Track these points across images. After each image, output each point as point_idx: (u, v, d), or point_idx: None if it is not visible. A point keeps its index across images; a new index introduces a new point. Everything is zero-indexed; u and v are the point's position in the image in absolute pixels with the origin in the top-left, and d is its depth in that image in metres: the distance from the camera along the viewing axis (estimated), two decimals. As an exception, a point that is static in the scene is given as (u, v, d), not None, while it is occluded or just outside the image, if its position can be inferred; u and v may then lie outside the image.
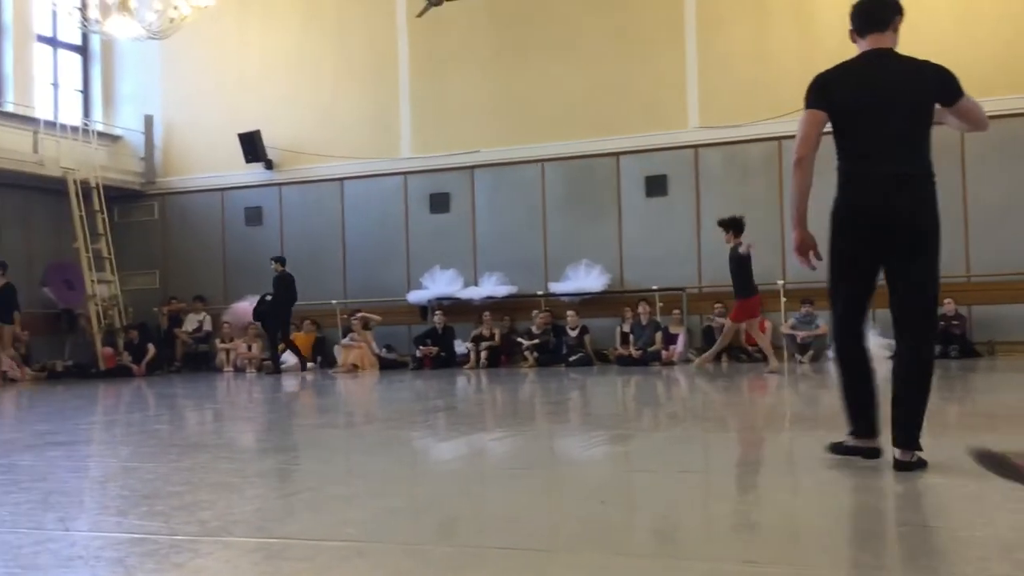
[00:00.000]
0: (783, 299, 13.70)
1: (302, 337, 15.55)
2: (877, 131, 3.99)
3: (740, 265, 10.87)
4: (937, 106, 4.04)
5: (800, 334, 13.33)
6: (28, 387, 13.12)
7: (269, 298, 14.62)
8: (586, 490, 4.00)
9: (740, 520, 3.35)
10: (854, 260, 4.07)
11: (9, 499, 3.92)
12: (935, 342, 4.27)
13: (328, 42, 16.30)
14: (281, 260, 14.70)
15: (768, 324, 13.00)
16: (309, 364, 15.05)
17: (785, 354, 13.54)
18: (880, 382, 4.10)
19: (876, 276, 4.08)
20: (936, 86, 4.02)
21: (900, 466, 3.87)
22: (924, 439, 3.95)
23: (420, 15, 13.77)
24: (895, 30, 4.11)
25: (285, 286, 14.51)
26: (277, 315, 14.48)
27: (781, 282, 13.76)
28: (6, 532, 3.27)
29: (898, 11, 4.12)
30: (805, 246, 4.16)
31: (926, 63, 4.04)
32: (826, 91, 4.11)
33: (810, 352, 13.17)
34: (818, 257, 4.16)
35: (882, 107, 3.98)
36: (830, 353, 13.13)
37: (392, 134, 15.93)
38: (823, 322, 13.27)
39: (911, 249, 3.95)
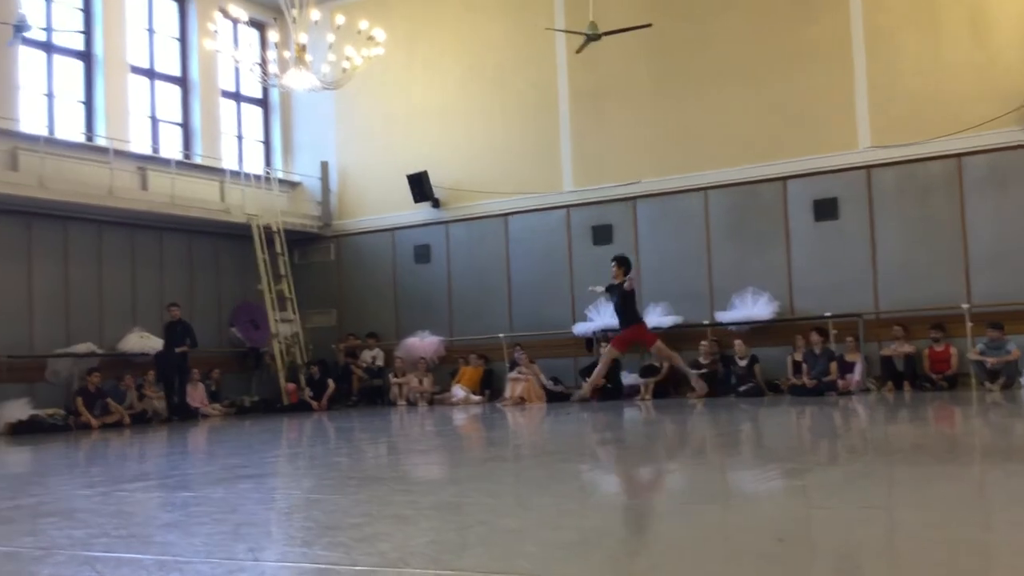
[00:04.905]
0: (969, 324, 12.94)
1: (470, 371, 15.85)
2: None
3: (625, 300, 12.21)
4: None
5: (990, 360, 12.54)
6: (219, 422, 13.90)
7: (180, 349, 14.61)
8: (762, 526, 3.88)
9: (926, 559, 3.17)
10: None
11: (203, 530, 4.16)
12: None
13: (490, 82, 16.69)
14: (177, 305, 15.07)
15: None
16: (476, 397, 15.32)
17: (973, 381, 12.77)
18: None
19: None
20: None
21: None
22: None
23: (579, 51, 13.90)
24: None
25: (190, 333, 14.85)
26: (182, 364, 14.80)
27: (966, 306, 13.03)
28: (200, 562, 3.47)
29: None
30: None
31: None
32: None
33: (1001, 379, 12.36)
34: None
35: None
36: (1024, 380, 12.33)
37: (554, 168, 16.11)
38: (1015, 346, 12.45)
39: None
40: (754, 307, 14.23)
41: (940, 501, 4.52)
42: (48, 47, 15.17)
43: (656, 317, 14.90)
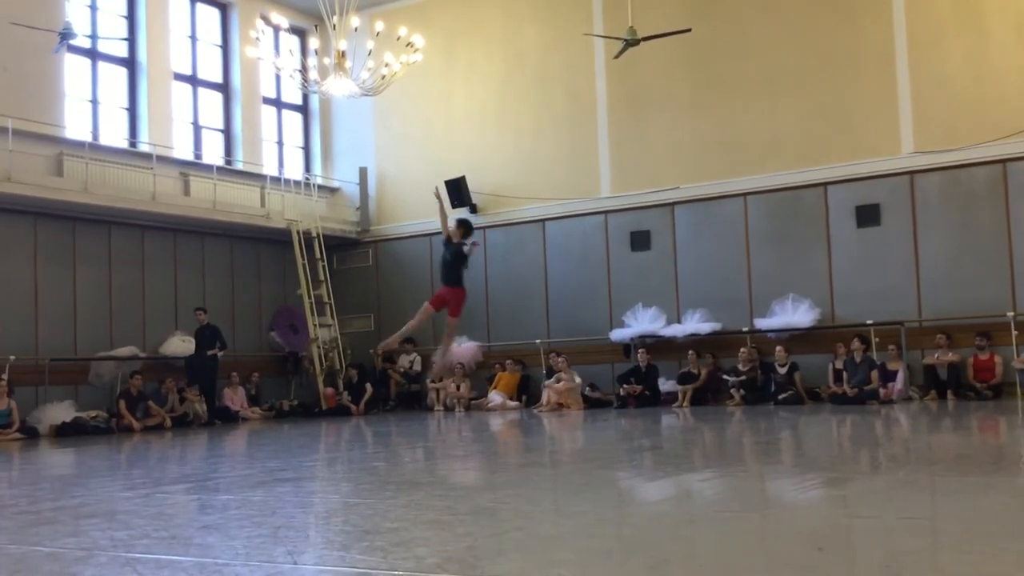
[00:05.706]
0: (1014, 332, 12.71)
1: (507, 376, 15.84)
2: None
3: (455, 259, 11.16)
4: None
5: (1036, 369, 12.31)
6: (258, 425, 14.02)
7: (211, 352, 14.60)
8: (802, 535, 3.84)
9: (969, 571, 3.12)
10: None
11: (243, 533, 4.20)
12: None
13: (528, 88, 16.71)
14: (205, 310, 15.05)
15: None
16: (512, 402, 15.30)
17: (1018, 390, 12.55)
18: None
19: None
20: None
21: None
22: None
23: (617, 56, 13.86)
24: None
25: (219, 336, 14.82)
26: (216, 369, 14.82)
27: (1011, 313, 12.80)
28: (240, 565, 3.49)
29: None
30: None
31: None
32: None
33: (1048, 389, 12.14)
34: None
35: None
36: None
37: (592, 174, 16.07)
38: (1062, 356, 12.22)
39: None
40: (794, 314, 14.09)
41: (984, 512, 4.44)
42: (93, 54, 15.43)
43: (694, 323, 14.82)
